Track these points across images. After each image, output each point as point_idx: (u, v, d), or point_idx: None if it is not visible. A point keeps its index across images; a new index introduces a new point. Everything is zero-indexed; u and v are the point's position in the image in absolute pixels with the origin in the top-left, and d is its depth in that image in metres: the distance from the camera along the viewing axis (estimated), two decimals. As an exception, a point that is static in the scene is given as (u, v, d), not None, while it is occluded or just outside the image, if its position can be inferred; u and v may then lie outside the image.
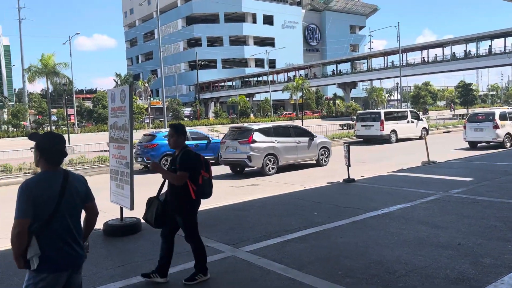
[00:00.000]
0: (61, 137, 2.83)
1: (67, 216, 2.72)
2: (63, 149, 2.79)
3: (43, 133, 2.84)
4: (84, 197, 2.88)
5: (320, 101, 75.40)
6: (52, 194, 2.66)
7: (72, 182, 2.79)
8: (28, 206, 2.59)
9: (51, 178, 2.72)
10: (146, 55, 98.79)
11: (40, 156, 2.75)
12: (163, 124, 36.05)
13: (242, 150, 13.05)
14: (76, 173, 2.93)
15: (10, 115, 48.40)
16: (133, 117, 6.53)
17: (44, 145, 2.75)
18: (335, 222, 6.57)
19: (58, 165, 2.79)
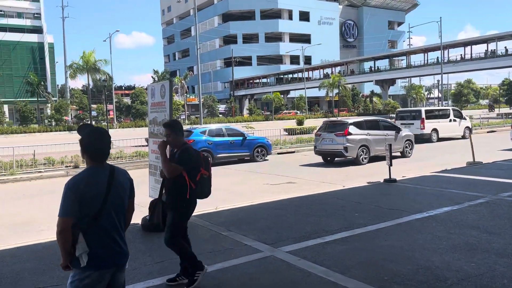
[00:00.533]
0: (105, 134, 2.76)
1: (113, 213, 2.66)
2: (106, 147, 2.72)
3: (89, 129, 2.77)
4: (129, 191, 2.82)
5: (356, 99, 73.97)
6: (99, 191, 2.61)
7: (118, 177, 2.73)
8: (72, 205, 2.54)
9: (97, 174, 2.66)
10: (182, 52, 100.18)
11: (83, 152, 2.71)
12: (198, 120, 36.39)
13: (339, 142, 14.42)
14: (121, 168, 2.87)
15: (53, 110, 50.24)
16: (173, 112, 6.50)
17: (87, 141, 2.69)
18: (377, 223, 6.30)
19: (103, 161, 2.73)
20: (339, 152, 14.50)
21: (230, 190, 10.73)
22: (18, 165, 15.53)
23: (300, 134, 26.54)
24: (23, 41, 64.68)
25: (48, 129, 41.83)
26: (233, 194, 10.01)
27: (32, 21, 67.88)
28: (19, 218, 8.36)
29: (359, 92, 77.98)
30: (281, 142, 21.67)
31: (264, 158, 17.23)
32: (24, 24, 66.87)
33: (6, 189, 12.76)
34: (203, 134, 16.31)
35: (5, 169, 15.08)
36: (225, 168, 15.19)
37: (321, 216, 6.91)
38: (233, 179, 12.52)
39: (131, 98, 60.95)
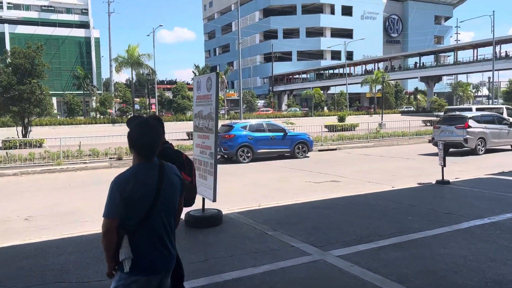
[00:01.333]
0: (153, 127, 2.50)
1: (163, 213, 2.45)
2: (154, 142, 2.47)
3: (137, 121, 2.56)
4: (179, 190, 2.60)
5: (399, 96, 71.82)
6: (147, 190, 2.39)
7: (168, 175, 2.50)
8: (118, 205, 2.34)
9: (145, 171, 2.44)
10: (223, 47, 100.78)
11: (130, 146, 2.50)
12: (238, 115, 36.37)
13: (459, 134, 15.98)
14: (170, 164, 2.64)
15: (98, 103, 51.82)
16: (218, 106, 6.30)
17: (133, 135, 2.47)
18: (434, 229, 5.84)
19: (151, 157, 2.49)
20: (459, 143, 15.99)
21: (272, 186, 10.48)
22: (65, 156, 15.96)
23: (341, 131, 25.90)
24: (71, 35, 67.13)
25: (93, 121, 43.15)
26: (275, 191, 9.75)
27: (80, 16, 70.38)
28: (64, 208, 8.47)
29: (402, 88, 75.66)
30: (322, 138, 21.19)
31: (305, 154, 16.86)
32: (72, 20, 69.46)
33: (53, 178, 13.10)
34: (244, 129, 16.13)
35: (52, 159, 15.53)
36: (265, 164, 14.96)
37: (371, 218, 6.52)
38: (274, 176, 12.26)
39: (173, 93, 61.90)
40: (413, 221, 6.29)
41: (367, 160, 15.53)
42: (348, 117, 41.16)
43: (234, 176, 12.36)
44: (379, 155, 16.96)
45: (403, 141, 22.07)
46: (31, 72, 20.79)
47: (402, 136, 23.58)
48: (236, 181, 11.45)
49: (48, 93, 21.91)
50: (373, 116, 51.96)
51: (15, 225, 7.42)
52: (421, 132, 24.91)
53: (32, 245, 5.66)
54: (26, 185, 11.99)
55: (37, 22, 66.61)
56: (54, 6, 68.73)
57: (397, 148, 19.97)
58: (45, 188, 11.21)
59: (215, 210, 6.57)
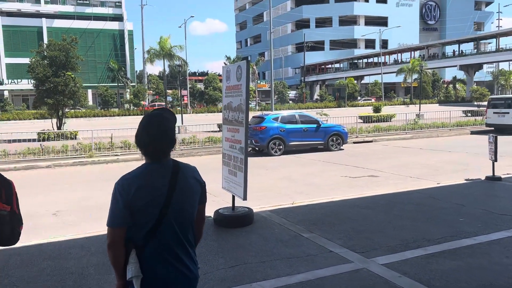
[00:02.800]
0: (161, 122, 2.06)
1: (176, 224, 2.03)
2: (160, 139, 2.03)
3: (143, 117, 2.14)
4: (198, 197, 2.16)
5: (436, 85, 69.14)
6: (155, 195, 1.98)
7: (184, 178, 2.08)
8: (123, 212, 1.96)
9: (154, 173, 2.03)
10: (254, 38, 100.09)
11: (136, 146, 2.09)
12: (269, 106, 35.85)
13: None
14: (189, 165, 2.21)
15: (131, 95, 52.50)
16: (249, 97, 5.83)
17: (137, 134, 2.08)
18: (490, 233, 5.20)
19: (160, 158, 2.07)
20: None
21: (306, 181, 9.97)
22: (97, 148, 15.97)
23: (377, 122, 24.93)
24: (106, 28, 68.21)
25: (126, 112, 43.74)
26: (309, 187, 9.24)
27: (114, 9, 71.38)
28: (92, 203, 8.29)
29: (440, 77, 72.83)
30: (357, 130, 20.39)
31: (340, 147, 16.20)
32: (106, 13, 70.53)
33: (85, 171, 13.07)
34: (276, 121, 15.63)
35: (84, 151, 15.57)
36: (297, 157, 14.43)
37: (417, 219, 5.92)
38: (307, 170, 11.74)
39: (204, 84, 61.97)
40: (465, 223, 5.65)
41: (406, 153, 14.73)
42: (384, 107, 39.82)
43: (265, 170, 11.93)
44: (419, 147, 16.09)
45: (443, 133, 20.96)
46: (66, 65, 20.97)
47: (442, 127, 22.40)
48: (268, 175, 11.01)
49: (81, 85, 22.05)
50: (409, 106, 50.22)
51: (43, 220, 7.27)
52: (462, 123, 23.61)
53: (56, 244, 5.42)
54: (57, 177, 11.99)
55: (73, 16, 68.02)
56: (89, 0, 69.99)
57: (437, 140, 18.94)
58: (76, 181, 11.14)
59: (245, 209, 6.14)
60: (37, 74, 20.32)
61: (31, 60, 21.21)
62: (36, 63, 20.70)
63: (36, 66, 20.48)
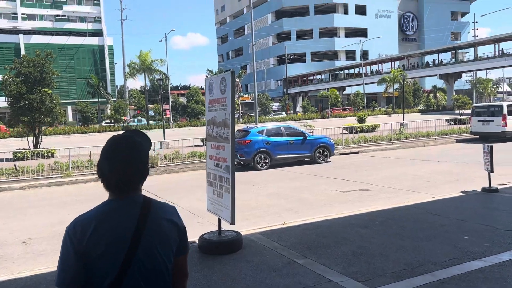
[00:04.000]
0: (127, 148, 1.60)
1: (142, 282, 1.53)
2: (126, 170, 1.56)
3: (111, 138, 1.67)
4: (176, 245, 1.66)
5: (417, 94, 69.99)
6: (117, 243, 1.51)
7: (156, 220, 1.59)
8: (75, 266, 1.49)
9: (117, 213, 1.56)
10: (236, 51, 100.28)
11: (98, 175, 1.61)
12: (254, 119, 35.47)
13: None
14: (164, 204, 1.72)
15: (112, 110, 51.53)
16: (235, 110, 5.38)
17: (99, 161, 1.62)
18: (500, 253, 4.81)
19: (127, 193, 1.59)
20: None
21: (295, 197, 9.52)
22: (75, 167, 15.26)
23: (362, 133, 24.75)
24: (85, 44, 67.25)
25: (107, 128, 42.74)
26: (299, 203, 8.78)
27: (93, 24, 70.58)
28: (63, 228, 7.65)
29: (420, 87, 73.81)
30: (342, 141, 20.12)
31: (327, 159, 15.86)
32: (86, 28, 69.66)
33: (61, 191, 12.37)
34: (261, 134, 15.22)
35: (61, 171, 14.85)
36: (285, 171, 14.00)
37: (419, 239, 5.49)
38: (296, 184, 11.30)
39: (187, 98, 61.42)
40: (471, 242, 5.25)
41: (395, 163, 14.44)
42: (368, 117, 39.88)
43: (252, 186, 11.44)
44: (406, 157, 15.84)
45: (428, 142, 20.84)
46: (41, 81, 20.26)
47: (427, 137, 22.32)
48: (255, 191, 10.52)
49: (59, 101, 21.33)
50: (392, 116, 50.51)
51: (11, 250, 6.63)
52: (446, 132, 23.59)
53: (21, 281, 4.82)
54: (31, 199, 11.28)
55: (52, 32, 66.94)
56: (67, 16, 69.06)
57: (424, 149, 18.78)
58: (51, 203, 10.45)
59: (233, 233, 5.64)
60: (10, 91, 19.56)
61: (4, 77, 20.44)
62: (8, 80, 19.93)
63: (9, 83, 19.71)
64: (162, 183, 12.72)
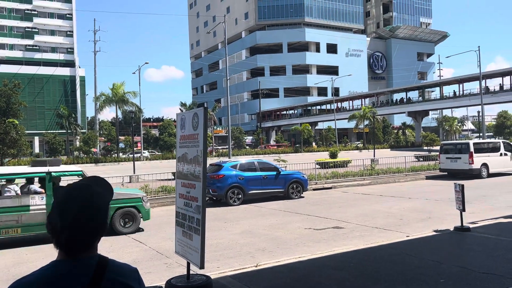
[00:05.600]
0: (84, 200, 1.37)
1: None
2: (80, 225, 1.34)
3: (64, 187, 1.42)
4: None
5: (386, 130, 71.87)
6: None
7: (110, 286, 1.35)
8: None
9: (64, 278, 1.31)
10: (210, 85, 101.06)
11: (47, 231, 1.37)
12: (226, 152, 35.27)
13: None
14: (124, 265, 1.47)
15: (81, 142, 50.32)
16: (207, 148, 5.19)
17: (50, 214, 1.38)
18: (478, 298, 4.68)
19: (76, 253, 1.36)
20: None
21: (269, 235, 9.24)
22: (37, 201, 14.50)
23: (334, 168, 24.88)
24: (56, 74, 66.38)
25: (75, 160, 41.51)
26: (273, 242, 8.51)
27: (65, 55, 69.89)
28: (25, 269, 7.10)
29: (389, 123, 75.90)
30: (315, 176, 20.09)
31: (300, 195, 15.71)
32: (57, 58, 68.85)
33: (21, 228, 11.63)
34: (234, 169, 14.99)
35: (23, 206, 14.06)
36: (258, 207, 13.74)
37: (395, 282, 5.32)
38: (269, 221, 11.03)
39: (159, 130, 60.86)
40: (448, 285, 5.11)
41: (367, 200, 14.42)
42: (339, 152, 40.35)
43: (224, 222, 11.10)
44: (378, 194, 15.89)
45: (399, 178, 21.08)
46: (6, 111, 19.58)
47: (397, 173, 22.62)
48: (227, 229, 10.18)
49: (24, 133, 20.60)
50: (362, 151, 51.38)
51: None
52: (416, 168, 24.00)
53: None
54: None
55: (21, 61, 65.82)
56: (39, 46, 68.22)
57: (395, 186, 18.94)
58: (9, 241, 9.76)
59: (203, 277, 5.31)
60: (-27, 121, 18.79)
61: (-33, 106, 19.69)
62: (-28, 109, 19.21)
63: (-27, 113, 18.97)
64: (130, 219, 12.19)
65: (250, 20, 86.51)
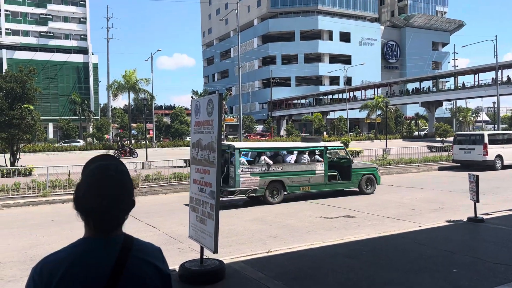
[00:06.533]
0: (116, 179, 1.39)
1: None
2: (112, 205, 1.36)
3: (92, 166, 1.43)
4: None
5: (399, 121, 71.18)
6: None
7: (136, 264, 1.38)
8: None
9: (93, 255, 1.34)
10: (222, 73, 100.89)
11: (77, 209, 1.41)
12: (237, 141, 35.35)
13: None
14: (148, 244, 1.51)
15: (94, 128, 50.83)
16: (222, 133, 5.22)
17: (79, 191, 1.40)
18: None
19: (106, 231, 1.38)
20: None
21: (280, 223, 9.30)
22: (52, 186, 14.76)
23: (345, 158, 24.74)
24: (70, 61, 66.83)
25: (88, 147, 41.98)
26: (284, 229, 8.57)
27: (79, 42, 70.26)
28: (41, 251, 7.26)
29: (402, 114, 75.14)
30: (327, 166, 20.02)
31: (311, 184, 15.69)
32: (71, 45, 69.28)
33: (37, 212, 11.88)
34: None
35: (38, 190, 14.33)
36: (269, 195, 13.76)
37: (407, 271, 5.34)
38: (280, 209, 11.08)
39: (171, 118, 61.17)
40: (461, 275, 5.12)
41: (379, 190, 14.35)
42: (351, 142, 40.15)
43: (236, 209, 11.19)
44: (390, 184, 15.82)
45: (411, 169, 20.94)
46: (22, 97, 19.81)
47: (410, 163, 22.46)
48: (238, 216, 10.27)
49: (39, 118, 20.83)
50: (374, 141, 51.03)
51: (-22, 275, 6.22)
52: (429, 159, 23.79)
53: (-15, 312, 4.46)
54: (5, 220, 10.76)
55: (36, 48, 66.37)
56: (53, 32, 68.65)
57: (407, 176, 18.84)
58: (26, 224, 9.99)
59: (216, 261, 5.39)
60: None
61: (-16, 91, 19.96)
62: (-12, 95, 19.47)
63: (-11, 98, 19.23)
64: (143, 205, 12.34)
65: (263, 8, 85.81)
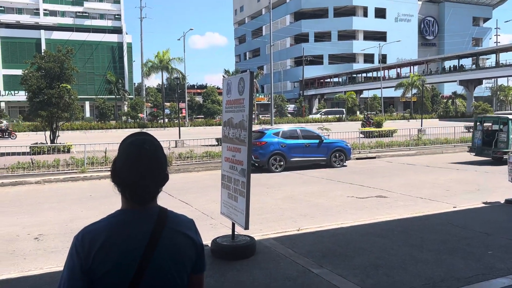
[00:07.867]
0: (149, 155, 1.43)
1: None
2: (147, 178, 1.41)
3: (127, 142, 1.49)
4: (192, 264, 1.49)
5: (435, 100, 68.97)
6: (128, 258, 1.36)
7: (171, 235, 1.44)
8: (79, 280, 1.34)
9: (131, 225, 1.40)
10: (253, 52, 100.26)
11: (115, 182, 1.47)
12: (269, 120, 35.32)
13: None
14: (181, 216, 1.55)
15: (129, 107, 51.96)
16: (252, 112, 5.23)
17: (116, 165, 1.46)
18: (528, 271, 4.56)
19: (142, 203, 1.44)
20: None
21: (310, 202, 9.32)
22: (90, 163, 15.32)
23: (378, 137, 24.35)
24: (104, 41, 68.07)
25: (123, 125, 43.14)
26: (315, 208, 8.59)
27: (113, 22, 71.31)
28: (80, 224, 7.56)
29: (438, 92, 72.71)
30: (359, 145, 19.80)
31: (342, 163, 15.59)
32: (105, 25, 70.46)
33: (76, 187, 12.40)
34: (276, 136, 15.04)
35: (77, 166, 14.91)
36: (300, 174, 13.81)
37: (440, 251, 5.27)
38: (311, 188, 11.09)
39: (203, 97, 61.66)
40: (495, 257, 5.01)
41: (412, 170, 14.12)
42: (385, 122, 39.36)
43: (266, 188, 11.28)
44: (424, 165, 15.49)
45: (447, 149, 20.39)
46: (60, 76, 20.43)
47: (446, 144, 21.86)
48: (269, 194, 10.36)
49: (77, 97, 21.47)
50: (409, 121, 49.82)
51: (23, 245, 6.60)
52: (465, 139, 23.00)
53: (30, 280, 4.74)
54: (46, 194, 11.31)
55: (72, 28, 67.90)
56: (88, 12, 69.92)
57: (442, 156, 18.36)
58: (65, 199, 10.46)
59: (247, 238, 5.49)
60: (30, 86, 19.75)
61: (24, 71, 20.66)
62: (29, 74, 20.14)
63: (30, 78, 19.91)
64: (176, 182, 12.64)
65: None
